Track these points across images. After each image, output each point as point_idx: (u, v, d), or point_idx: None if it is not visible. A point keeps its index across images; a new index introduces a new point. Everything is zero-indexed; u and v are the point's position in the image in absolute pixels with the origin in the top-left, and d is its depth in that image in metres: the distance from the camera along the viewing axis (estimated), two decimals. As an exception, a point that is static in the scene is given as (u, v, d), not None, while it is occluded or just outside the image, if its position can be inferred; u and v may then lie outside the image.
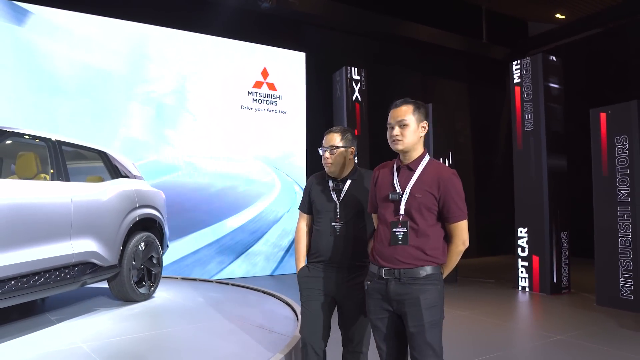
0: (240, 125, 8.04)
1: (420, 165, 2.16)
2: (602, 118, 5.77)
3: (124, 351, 3.18)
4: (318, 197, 2.57)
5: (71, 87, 6.76)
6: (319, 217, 2.54)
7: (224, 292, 5.45)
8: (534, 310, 5.76)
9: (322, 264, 2.49)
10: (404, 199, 2.11)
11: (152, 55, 7.43)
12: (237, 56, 8.15)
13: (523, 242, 6.73)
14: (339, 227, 2.46)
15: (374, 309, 2.17)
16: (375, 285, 2.15)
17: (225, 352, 3.19)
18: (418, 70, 10.46)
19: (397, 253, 2.08)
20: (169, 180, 7.34)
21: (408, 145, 2.14)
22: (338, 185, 2.54)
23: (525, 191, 6.80)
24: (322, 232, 2.51)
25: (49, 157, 3.83)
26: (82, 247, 3.88)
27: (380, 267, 2.12)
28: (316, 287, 2.49)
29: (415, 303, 2.03)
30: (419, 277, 2.05)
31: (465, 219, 2.12)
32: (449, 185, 2.08)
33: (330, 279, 2.47)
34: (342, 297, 2.46)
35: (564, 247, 6.58)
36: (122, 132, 7.13)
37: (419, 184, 2.11)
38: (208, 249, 7.59)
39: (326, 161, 2.53)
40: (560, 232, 6.57)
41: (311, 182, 2.66)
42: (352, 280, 2.45)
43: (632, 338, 4.48)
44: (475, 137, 11.31)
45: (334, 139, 2.54)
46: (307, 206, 2.64)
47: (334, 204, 2.51)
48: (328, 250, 2.47)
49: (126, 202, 4.62)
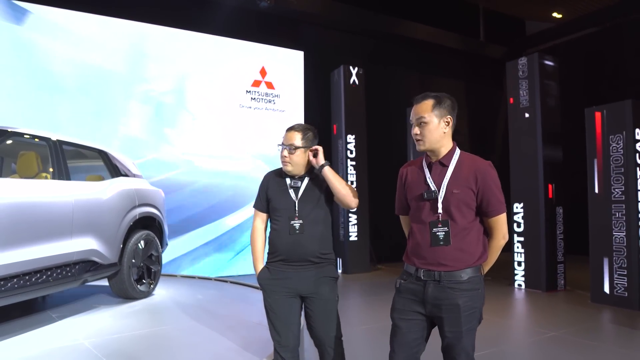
0: (239, 124, 8.08)
1: (452, 159, 2.04)
2: (597, 117, 5.82)
3: (125, 348, 3.24)
4: (275, 195, 2.48)
5: (71, 86, 6.79)
6: (277, 216, 2.45)
7: (223, 289, 5.50)
8: (529, 307, 5.83)
9: (283, 263, 2.40)
10: (441, 196, 1.99)
11: (151, 54, 7.46)
12: (235, 55, 8.18)
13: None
14: (298, 225, 2.38)
15: (402, 309, 2.05)
16: (409, 286, 2.04)
17: (225, 349, 3.24)
18: (415, 69, 10.50)
19: (438, 254, 1.97)
20: (168, 178, 7.38)
21: (431, 144, 2.03)
22: (296, 182, 2.46)
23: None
24: (280, 231, 2.42)
25: (50, 156, 3.88)
26: (82, 246, 3.93)
27: (418, 268, 2.02)
28: (281, 289, 2.39)
29: (454, 309, 1.93)
30: (460, 281, 1.95)
31: (505, 211, 2.02)
32: (487, 177, 1.98)
33: (294, 277, 2.38)
34: (310, 292, 2.38)
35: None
36: (121, 130, 7.17)
37: (454, 179, 2.00)
38: (207, 247, 7.64)
39: (284, 160, 2.44)
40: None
41: (267, 179, 2.56)
42: (315, 275, 2.38)
43: (625, 334, 4.55)
44: (472, 136, 11.37)
45: (294, 137, 2.43)
46: (264, 204, 2.53)
47: (292, 202, 2.42)
48: (287, 248, 2.38)
49: (126, 200, 4.67)
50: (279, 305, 2.40)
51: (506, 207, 2.05)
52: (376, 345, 2.20)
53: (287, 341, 2.37)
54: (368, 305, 5.68)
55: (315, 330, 2.40)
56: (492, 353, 3.87)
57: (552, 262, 6.56)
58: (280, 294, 2.40)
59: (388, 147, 9.42)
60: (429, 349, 2.11)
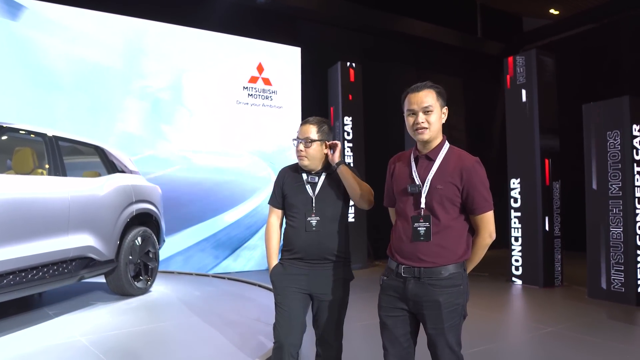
0: (236, 120, 8.05)
1: (440, 154, 2.01)
2: (595, 113, 5.82)
3: (122, 344, 3.23)
4: (291, 190, 2.40)
5: (67, 82, 6.75)
6: (293, 212, 2.39)
7: (220, 286, 5.50)
8: (526, 303, 5.83)
9: (298, 260, 2.34)
10: (424, 191, 1.97)
11: (148, 50, 7.42)
12: (232, 51, 8.14)
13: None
14: (315, 222, 2.31)
15: (386, 306, 2.05)
16: (391, 282, 2.04)
17: (222, 345, 3.24)
18: (413, 65, 10.49)
19: (418, 250, 1.95)
20: (165, 175, 7.35)
21: (434, 133, 2.00)
22: (313, 178, 2.39)
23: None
24: (297, 227, 2.35)
25: (46, 152, 3.85)
26: (79, 242, 3.91)
27: (399, 264, 2.00)
28: (293, 285, 2.34)
29: (435, 306, 1.92)
30: (440, 278, 1.92)
31: (491, 209, 1.97)
32: (472, 174, 1.94)
33: (308, 275, 2.33)
34: (321, 293, 2.34)
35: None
36: (118, 127, 7.13)
37: (439, 174, 1.97)
38: (204, 244, 7.62)
39: (300, 154, 2.37)
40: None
41: (283, 175, 2.49)
42: (330, 275, 2.34)
43: (622, 329, 4.56)
44: (469, 132, 11.38)
45: (309, 130, 2.37)
46: (279, 200, 2.46)
47: (310, 198, 2.35)
48: (304, 246, 2.32)
49: (123, 197, 4.66)
50: (289, 300, 2.33)
51: (493, 205, 2.00)
52: (374, 341, 2.19)
53: (289, 339, 2.29)
54: (365, 302, 5.65)
55: (320, 327, 2.38)
56: (490, 349, 3.87)
57: (549, 257, 6.56)
58: (291, 290, 2.34)
59: (385, 143, 9.41)
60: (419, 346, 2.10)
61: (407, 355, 2.06)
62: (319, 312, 2.37)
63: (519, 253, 6.75)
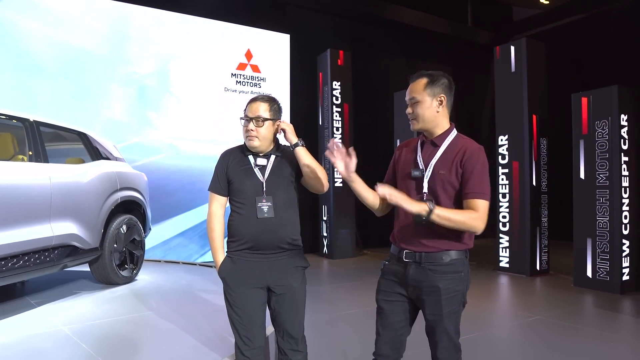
0: (224, 108, 7.95)
1: (445, 140, 1.99)
2: (584, 103, 5.83)
3: (106, 334, 3.17)
4: (237, 175, 2.20)
5: (50, 67, 6.59)
6: (241, 198, 2.18)
7: (207, 274, 5.44)
8: (512, 291, 5.88)
9: (248, 252, 2.15)
10: (427, 175, 1.95)
11: (133, 35, 7.27)
12: (220, 37, 8.02)
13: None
14: (267, 208, 2.13)
15: (385, 290, 2.04)
16: (392, 267, 2.03)
17: (209, 334, 3.20)
18: (403, 54, 10.42)
19: (421, 234, 1.93)
20: (151, 162, 7.25)
21: (424, 123, 1.99)
22: (261, 161, 2.21)
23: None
24: (245, 215, 2.15)
25: (27, 138, 3.75)
26: (62, 230, 3.83)
27: (401, 250, 1.99)
28: (248, 281, 2.14)
29: (434, 292, 1.91)
30: (441, 264, 1.91)
31: (484, 199, 1.88)
32: (472, 158, 1.90)
33: (263, 267, 2.15)
34: (279, 285, 2.17)
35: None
36: (103, 113, 7.00)
37: (443, 160, 1.95)
38: (191, 232, 7.56)
39: (250, 134, 2.17)
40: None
41: (226, 158, 2.26)
42: (287, 264, 2.19)
43: (607, 317, 4.62)
44: (458, 122, 11.27)
45: (259, 108, 2.17)
46: (223, 186, 2.23)
47: (259, 182, 2.17)
48: (255, 234, 2.13)
49: (107, 184, 4.57)
50: (245, 299, 2.14)
51: (490, 198, 1.91)
52: (362, 329, 2.15)
53: (253, 340, 2.15)
54: (353, 290, 5.67)
55: (282, 323, 2.21)
56: (477, 337, 3.88)
57: (536, 246, 6.60)
58: (246, 287, 2.15)
59: (375, 131, 9.39)
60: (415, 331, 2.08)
61: (399, 342, 2.05)
62: (278, 305, 2.19)
63: (506, 243, 6.78)
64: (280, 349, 2.23)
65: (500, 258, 6.85)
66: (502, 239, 6.83)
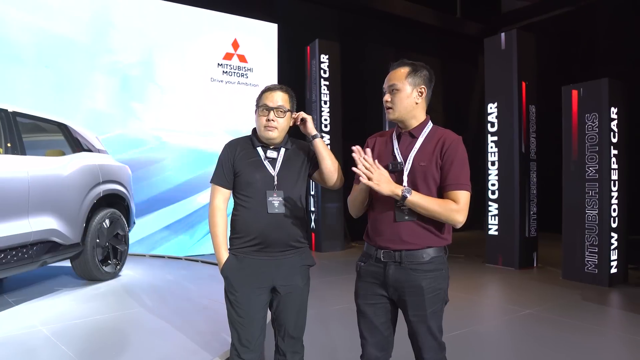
0: (210, 98, 7.80)
1: (423, 131, 1.92)
2: (574, 96, 5.80)
3: (87, 334, 3.05)
4: (246, 167, 2.08)
5: (29, 56, 6.36)
6: (249, 192, 2.05)
7: (193, 269, 5.34)
8: (502, 285, 5.85)
9: (254, 249, 2.03)
10: (407, 168, 1.87)
11: (116, 23, 7.06)
12: (206, 26, 7.84)
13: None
14: (278, 203, 2.03)
15: (364, 294, 1.95)
16: (370, 268, 1.93)
17: (196, 332, 3.10)
18: (392, 44, 10.33)
19: (401, 231, 1.84)
20: (135, 154, 7.08)
21: (401, 113, 1.90)
22: (272, 153, 2.11)
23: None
24: (254, 209, 2.03)
25: (3, 129, 3.59)
26: (40, 225, 3.68)
27: (378, 249, 1.90)
28: (253, 282, 2.03)
29: (417, 292, 1.83)
30: (422, 262, 1.84)
31: (465, 190, 1.81)
32: (451, 150, 1.84)
33: (269, 266, 2.04)
34: (285, 285, 2.07)
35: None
36: (85, 104, 6.80)
37: (422, 151, 1.88)
38: (177, 225, 7.42)
39: (270, 125, 2.05)
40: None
41: (233, 149, 2.13)
42: (294, 264, 2.10)
43: (596, 311, 4.61)
44: (446, 114, 11.33)
45: (281, 98, 2.09)
46: (229, 179, 2.11)
47: (270, 176, 2.07)
48: (264, 230, 2.02)
49: (89, 177, 4.42)
50: (249, 300, 2.03)
51: (470, 189, 1.84)
52: (353, 325, 2.07)
53: (253, 342, 2.05)
54: (342, 284, 5.60)
55: (284, 323, 2.12)
56: (468, 332, 3.84)
57: (525, 239, 6.60)
58: (250, 287, 2.04)
59: (363, 123, 9.30)
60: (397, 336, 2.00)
61: (387, 343, 1.98)
62: (282, 305, 2.10)
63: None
64: (279, 349, 2.14)
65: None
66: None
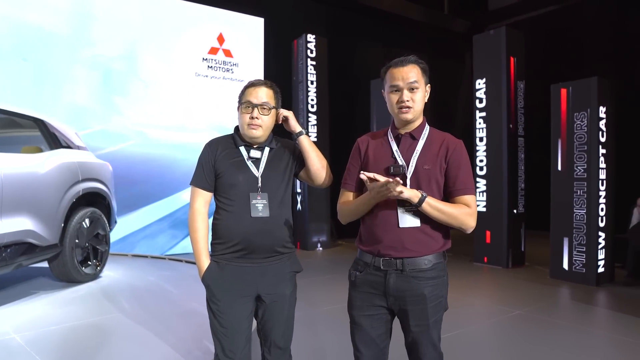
0: (195, 94, 7.63)
1: (423, 133, 1.83)
2: (563, 94, 5.77)
3: (62, 342, 2.91)
4: (228, 168, 1.95)
5: (5, 48, 6.13)
6: (231, 195, 1.93)
7: (177, 269, 5.20)
8: (491, 284, 5.82)
9: (239, 254, 1.90)
10: (410, 171, 1.77)
11: (98, 15, 6.84)
12: (191, 20, 7.66)
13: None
14: (262, 206, 1.91)
15: (361, 305, 1.83)
16: (368, 277, 1.81)
17: (180, 337, 2.98)
18: (379, 40, 10.25)
19: (403, 238, 1.74)
20: (117, 151, 6.89)
21: (416, 114, 1.81)
22: (255, 152, 1.98)
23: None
24: (237, 213, 1.91)
25: (-26, 125, 3.42)
26: (14, 226, 3.52)
27: (376, 257, 1.78)
28: (236, 291, 1.90)
29: (420, 301, 1.74)
30: (424, 269, 1.75)
31: (474, 194, 1.79)
32: (457, 154, 1.78)
33: (253, 273, 1.91)
34: (270, 293, 1.95)
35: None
36: (65, 98, 6.59)
37: (425, 154, 1.79)
38: (160, 224, 7.25)
39: (254, 122, 1.93)
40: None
41: (214, 149, 2.01)
42: (280, 270, 1.97)
43: (584, 310, 4.60)
44: (433, 112, 11.28)
45: (265, 94, 1.96)
46: (210, 181, 1.97)
47: (254, 177, 1.94)
48: (248, 235, 1.89)
49: (67, 175, 4.26)
50: (232, 309, 1.90)
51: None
52: (341, 327, 1.97)
53: (237, 352, 1.91)
54: (330, 284, 5.51)
55: (270, 333, 2.00)
56: (460, 334, 3.77)
57: (514, 238, 6.58)
58: (234, 296, 1.90)
59: (352, 119, 9.21)
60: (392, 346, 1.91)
61: (383, 355, 1.88)
62: (267, 315, 1.97)
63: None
64: (265, 357, 2.02)
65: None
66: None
